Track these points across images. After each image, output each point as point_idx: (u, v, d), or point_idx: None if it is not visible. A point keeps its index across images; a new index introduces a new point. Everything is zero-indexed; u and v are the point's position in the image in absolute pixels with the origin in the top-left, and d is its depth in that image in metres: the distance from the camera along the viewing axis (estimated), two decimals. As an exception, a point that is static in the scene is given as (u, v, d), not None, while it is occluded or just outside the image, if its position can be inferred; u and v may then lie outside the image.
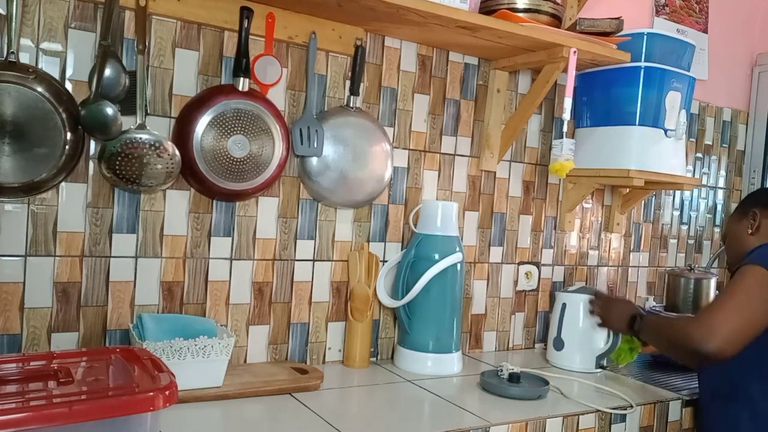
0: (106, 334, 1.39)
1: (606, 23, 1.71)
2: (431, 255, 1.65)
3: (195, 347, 1.30)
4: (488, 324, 1.96)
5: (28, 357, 1.06)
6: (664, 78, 1.85)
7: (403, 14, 1.47)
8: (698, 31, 2.37)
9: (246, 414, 1.29)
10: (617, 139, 1.88)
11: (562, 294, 1.86)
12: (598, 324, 1.71)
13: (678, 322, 1.48)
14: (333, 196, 1.61)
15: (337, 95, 1.64)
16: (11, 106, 1.18)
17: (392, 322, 1.77)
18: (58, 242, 1.33)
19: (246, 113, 1.44)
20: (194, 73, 1.45)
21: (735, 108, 2.54)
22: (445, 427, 1.27)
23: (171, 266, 1.45)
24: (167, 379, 0.96)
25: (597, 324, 1.71)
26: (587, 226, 2.16)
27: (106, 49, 1.25)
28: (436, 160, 1.81)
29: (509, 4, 1.64)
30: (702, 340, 1.34)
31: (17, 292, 1.30)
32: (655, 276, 2.36)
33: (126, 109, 1.29)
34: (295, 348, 1.62)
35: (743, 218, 1.61)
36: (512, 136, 1.87)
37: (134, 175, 1.31)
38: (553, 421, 1.39)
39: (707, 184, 2.50)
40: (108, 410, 0.88)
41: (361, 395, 1.48)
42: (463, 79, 1.84)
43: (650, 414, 1.55)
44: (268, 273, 1.57)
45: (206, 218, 1.49)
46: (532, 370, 1.66)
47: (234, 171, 1.43)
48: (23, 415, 0.83)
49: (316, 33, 1.55)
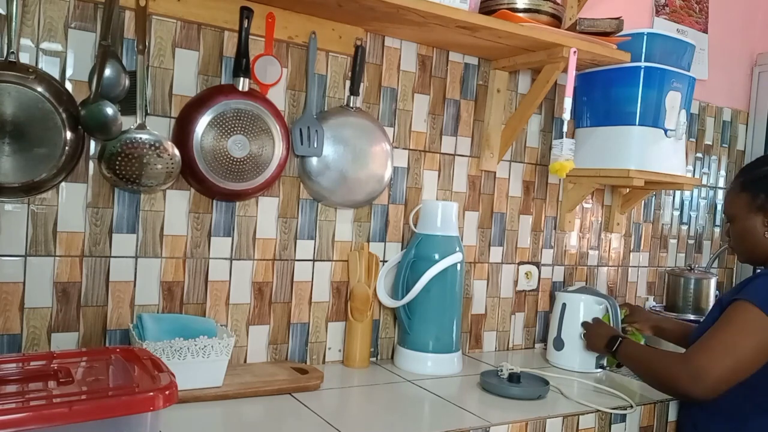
0: (106, 334, 1.39)
1: (606, 23, 1.71)
2: (431, 255, 1.65)
3: (195, 347, 1.30)
4: (488, 324, 1.96)
5: (28, 357, 1.06)
6: (664, 78, 1.85)
7: (403, 14, 1.47)
8: (698, 31, 2.37)
9: (246, 414, 1.29)
10: (617, 139, 1.88)
11: (562, 294, 1.86)
12: (585, 347, 1.74)
13: (663, 359, 1.42)
14: (333, 196, 1.61)
15: (337, 95, 1.64)
16: (11, 106, 1.18)
17: (392, 322, 1.77)
18: (58, 242, 1.33)
19: (246, 113, 1.44)
20: (194, 73, 1.45)
21: (735, 108, 2.54)
22: (445, 427, 1.27)
23: (171, 266, 1.45)
24: (167, 379, 0.96)
25: (584, 347, 1.74)
26: (587, 226, 2.16)
27: (106, 49, 1.25)
28: (436, 160, 1.81)
29: (509, 4, 1.64)
30: (689, 383, 1.31)
31: (17, 292, 1.30)
32: (655, 276, 2.36)
33: (126, 109, 1.29)
34: (295, 348, 1.62)
35: (758, 214, 1.46)
36: (512, 136, 1.87)
37: (134, 175, 1.31)
38: (553, 421, 1.38)
39: (707, 184, 2.50)
40: (108, 410, 0.88)
41: (361, 395, 1.48)
42: (463, 79, 1.84)
43: (650, 414, 1.55)
44: (268, 273, 1.57)
45: (206, 218, 1.49)
46: (532, 370, 1.66)
47: (234, 171, 1.43)
48: (23, 415, 0.83)
49: (316, 33, 1.55)
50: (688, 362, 1.34)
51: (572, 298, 1.82)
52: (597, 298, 1.81)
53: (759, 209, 1.46)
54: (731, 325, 1.34)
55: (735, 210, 1.52)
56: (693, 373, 1.32)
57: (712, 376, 1.30)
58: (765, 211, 1.46)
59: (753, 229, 1.47)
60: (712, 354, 1.32)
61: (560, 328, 1.83)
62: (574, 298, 1.82)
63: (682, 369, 1.34)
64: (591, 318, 1.76)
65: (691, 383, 1.32)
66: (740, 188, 1.51)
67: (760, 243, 1.47)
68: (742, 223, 1.50)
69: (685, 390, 1.34)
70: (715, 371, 1.30)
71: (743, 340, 1.31)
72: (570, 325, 1.81)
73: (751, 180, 1.50)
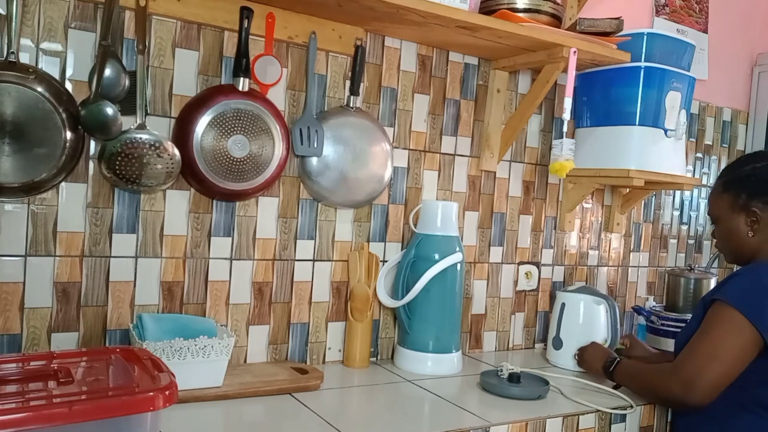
0: (106, 334, 1.39)
1: (606, 23, 1.71)
2: (431, 255, 1.65)
3: (195, 347, 1.30)
4: (488, 324, 1.96)
5: (28, 357, 1.06)
6: (664, 78, 1.85)
7: (403, 14, 1.47)
8: (698, 31, 2.37)
9: (246, 414, 1.29)
10: (617, 139, 1.88)
11: (561, 293, 1.87)
12: (581, 368, 1.74)
13: (655, 372, 1.45)
14: (333, 196, 1.61)
15: (337, 95, 1.64)
16: (11, 106, 1.18)
17: (392, 322, 1.77)
18: (58, 242, 1.33)
19: (246, 113, 1.44)
20: (194, 73, 1.45)
21: (735, 108, 2.54)
22: (445, 427, 1.27)
23: (171, 266, 1.45)
24: (167, 379, 0.96)
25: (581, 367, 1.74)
26: (587, 226, 2.16)
27: (106, 49, 1.25)
28: (436, 160, 1.81)
29: (509, 4, 1.64)
30: (682, 393, 1.33)
31: (17, 292, 1.30)
32: (655, 276, 2.36)
33: (126, 109, 1.29)
34: (295, 348, 1.62)
35: (741, 214, 1.46)
36: (512, 136, 1.87)
37: (134, 175, 1.31)
38: (553, 421, 1.38)
39: (707, 184, 2.50)
40: (108, 410, 0.89)
41: (361, 395, 1.48)
42: (463, 79, 1.84)
43: (650, 414, 1.54)
44: (268, 273, 1.57)
45: (206, 218, 1.49)
46: (532, 370, 1.66)
47: (234, 171, 1.43)
48: (23, 415, 0.83)
49: (316, 33, 1.55)
50: (678, 373, 1.36)
51: (571, 298, 1.83)
52: (596, 297, 1.81)
53: (741, 209, 1.46)
54: (713, 328, 1.36)
55: (718, 211, 1.52)
56: (685, 383, 1.34)
57: (704, 382, 1.32)
58: (747, 210, 1.45)
59: (737, 229, 1.48)
60: (700, 361, 1.34)
61: (559, 328, 1.83)
62: (573, 298, 1.82)
63: (674, 380, 1.36)
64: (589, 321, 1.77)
65: (684, 393, 1.34)
66: (722, 189, 1.51)
67: (744, 243, 1.47)
68: (726, 224, 1.50)
69: (680, 400, 1.36)
70: (705, 378, 1.32)
71: (726, 343, 1.33)
72: (569, 325, 1.81)
73: (733, 180, 1.49)
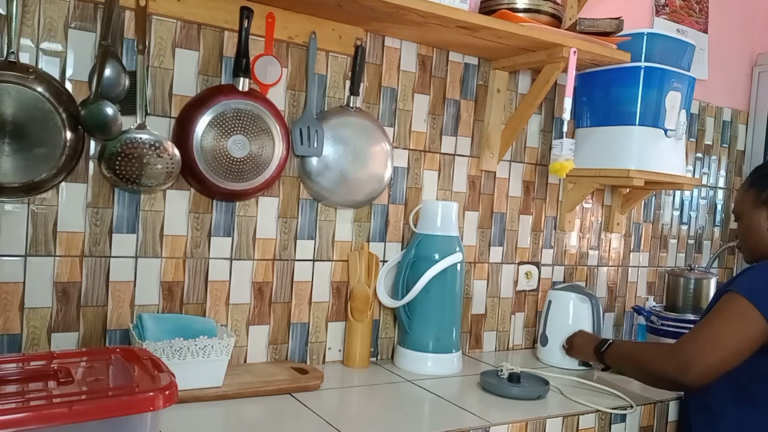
0: (106, 334, 1.39)
1: (606, 23, 1.71)
2: (431, 255, 1.65)
3: (195, 347, 1.30)
4: (488, 324, 1.96)
5: (28, 357, 1.06)
6: (664, 78, 1.85)
7: (403, 14, 1.47)
8: (698, 31, 2.37)
9: (246, 414, 1.29)
10: (617, 139, 1.88)
11: (550, 291, 1.91)
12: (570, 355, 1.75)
13: (651, 350, 1.46)
14: (333, 196, 1.61)
15: (337, 95, 1.64)
16: (11, 106, 1.18)
17: (392, 322, 1.77)
18: (58, 242, 1.33)
19: (246, 113, 1.44)
20: (194, 73, 1.45)
21: (735, 108, 2.54)
22: (445, 427, 1.27)
23: (171, 266, 1.45)
24: (167, 379, 0.96)
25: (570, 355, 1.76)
26: (587, 226, 2.16)
27: (106, 49, 1.25)
28: (436, 160, 1.81)
29: (509, 4, 1.64)
30: (678, 371, 1.33)
31: (17, 292, 1.30)
32: (655, 276, 2.36)
33: (126, 109, 1.29)
34: (295, 348, 1.62)
35: (762, 209, 1.48)
36: (512, 136, 1.87)
37: (134, 175, 1.31)
38: (553, 421, 1.39)
39: (707, 184, 2.50)
40: (108, 410, 0.88)
41: (361, 395, 1.48)
42: (463, 79, 1.84)
43: (650, 414, 1.55)
44: (268, 273, 1.57)
45: (206, 218, 1.49)
46: (532, 370, 1.66)
47: (234, 171, 1.43)
48: (23, 415, 0.83)
49: (316, 33, 1.55)
50: (675, 352, 1.37)
51: (557, 296, 1.86)
52: (580, 295, 1.84)
53: (764, 204, 1.49)
54: (720, 315, 1.37)
55: (742, 207, 1.54)
56: (681, 362, 1.34)
57: (700, 364, 1.32)
58: None
59: (757, 224, 1.49)
60: (700, 344, 1.34)
61: (545, 325, 1.86)
62: (559, 296, 1.86)
63: (672, 358, 1.36)
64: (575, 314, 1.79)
65: (679, 372, 1.34)
66: (749, 185, 1.54)
67: (762, 238, 1.49)
68: (747, 220, 1.52)
69: (674, 378, 1.36)
70: (702, 360, 1.32)
71: (730, 330, 1.33)
72: (554, 322, 1.84)
73: (759, 177, 1.53)
